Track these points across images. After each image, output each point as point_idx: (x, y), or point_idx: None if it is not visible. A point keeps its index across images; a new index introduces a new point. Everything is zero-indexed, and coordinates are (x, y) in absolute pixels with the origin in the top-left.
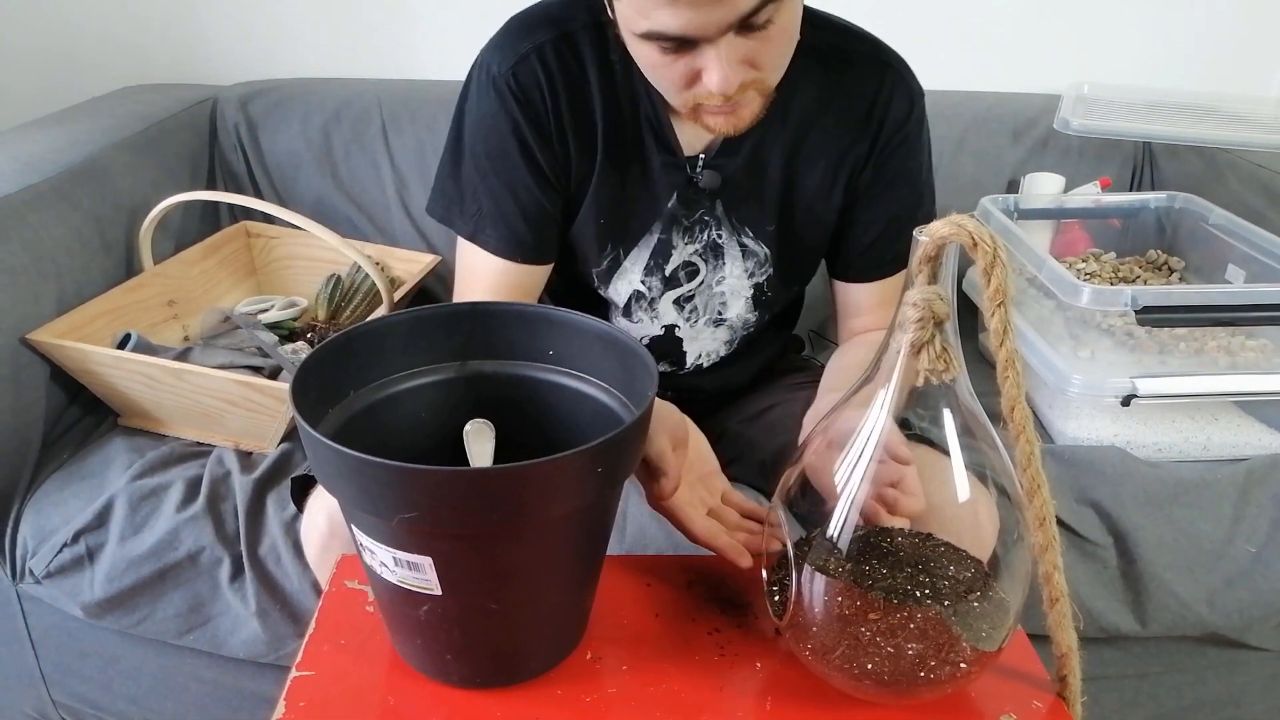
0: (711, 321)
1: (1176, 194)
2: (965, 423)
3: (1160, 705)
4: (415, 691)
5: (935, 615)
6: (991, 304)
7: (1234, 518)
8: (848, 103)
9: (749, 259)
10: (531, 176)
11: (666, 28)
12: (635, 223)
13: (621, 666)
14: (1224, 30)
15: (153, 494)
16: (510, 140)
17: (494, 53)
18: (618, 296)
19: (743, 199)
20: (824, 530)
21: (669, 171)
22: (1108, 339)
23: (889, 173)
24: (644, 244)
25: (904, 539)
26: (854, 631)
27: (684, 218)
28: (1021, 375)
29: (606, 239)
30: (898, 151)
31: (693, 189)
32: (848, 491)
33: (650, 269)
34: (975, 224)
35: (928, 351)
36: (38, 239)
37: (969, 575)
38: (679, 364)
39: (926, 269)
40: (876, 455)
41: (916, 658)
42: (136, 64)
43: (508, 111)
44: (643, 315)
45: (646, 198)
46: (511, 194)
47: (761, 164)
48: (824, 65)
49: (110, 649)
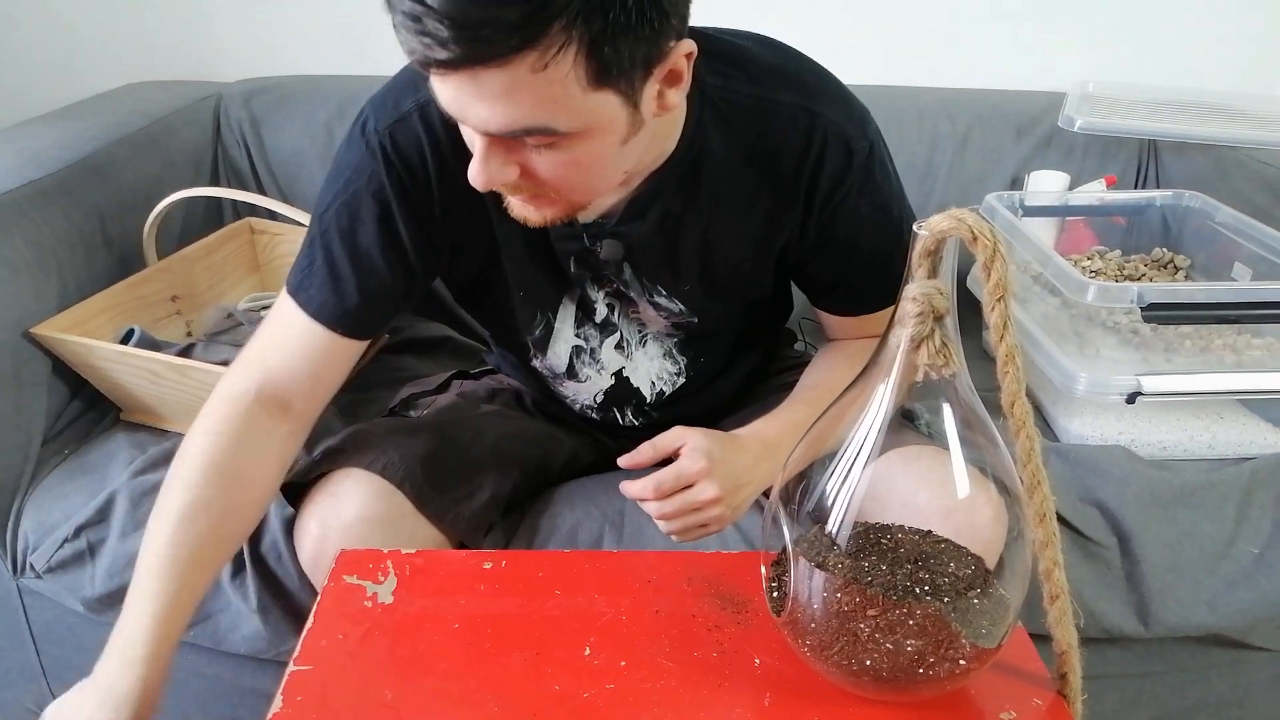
0: (639, 344)
1: (1182, 192)
2: (965, 418)
3: (1163, 705)
4: (413, 687)
5: (934, 612)
6: (991, 299)
7: (1237, 519)
8: (770, 163)
9: (662, 313)
10: (380, 246)
11: (440, 99)
12: (549, 289)
13: (620, 663)
14: (1230, 28)
15: (154, 489)
16: (369, 208)
17: (374, 105)
18: (557, 361)
19: (654, 263)
20: (822, 527)
21: (564, 241)
22: (1113, 336)
23: (839, 227)
24: (566, 305)
25: (904, 535)
26: (852, 628)
27: (589, 275)
28: (1022, 370)
29: (533, 308)
30: (842, 207)
31: (593, 257)
32: (846, 488)
33: (580, 321)
34: (975, 218)
35: (927, 346)
36: (40, 234)
37: (969, 572)
38: (641, 401)
39: (926, 263)
40: (875, 452)
41: (915, 654)
42: (141, 61)
43: (373, 173)
44: (589, 371)
45: (551, 267)
46: (351, 259)
47: (672, 231)
48: (739, 122)
49: None
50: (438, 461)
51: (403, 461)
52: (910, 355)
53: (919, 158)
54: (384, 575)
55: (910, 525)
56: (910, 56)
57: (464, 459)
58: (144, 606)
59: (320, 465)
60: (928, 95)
